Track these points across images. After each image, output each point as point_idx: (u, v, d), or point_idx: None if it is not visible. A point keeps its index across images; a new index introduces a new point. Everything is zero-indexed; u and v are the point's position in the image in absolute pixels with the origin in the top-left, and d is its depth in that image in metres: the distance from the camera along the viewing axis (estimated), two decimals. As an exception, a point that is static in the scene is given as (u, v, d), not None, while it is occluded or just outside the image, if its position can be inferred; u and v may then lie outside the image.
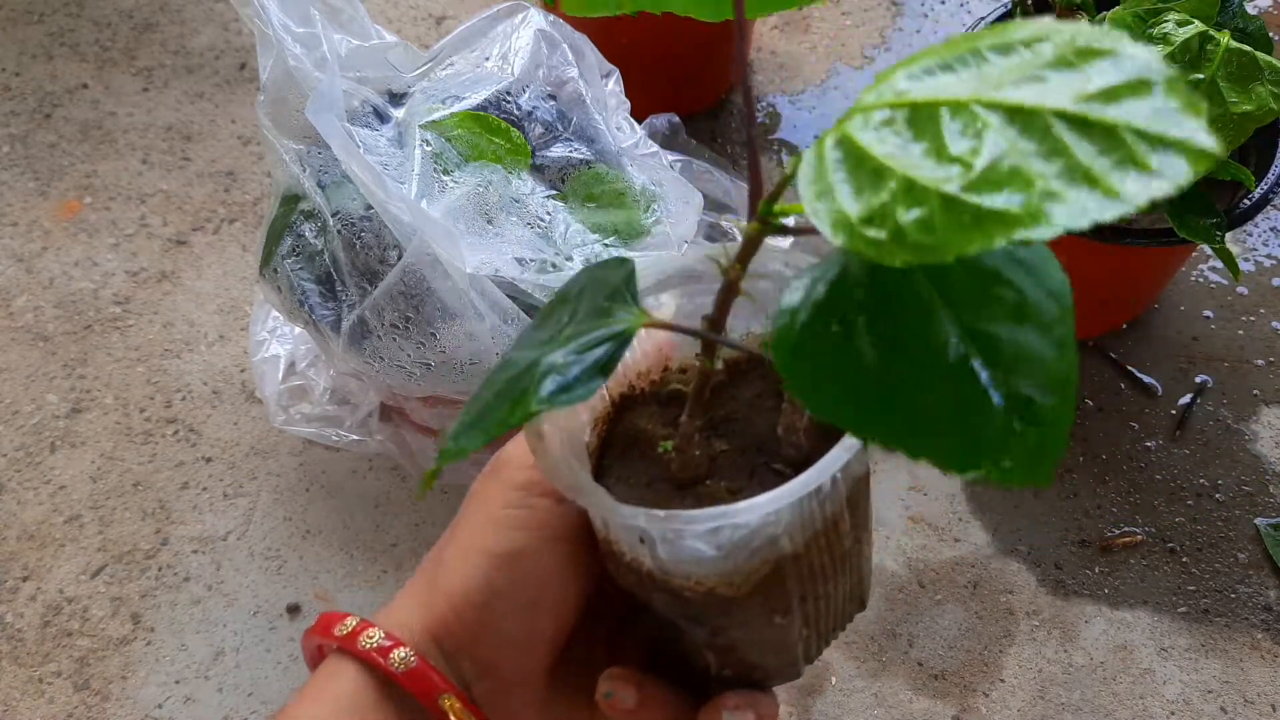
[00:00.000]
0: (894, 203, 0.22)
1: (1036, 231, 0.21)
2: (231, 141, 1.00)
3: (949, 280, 0.25)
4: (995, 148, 0.22)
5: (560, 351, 0.29)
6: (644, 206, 0.70)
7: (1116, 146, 0.21)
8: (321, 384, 0.80)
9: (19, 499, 0.82)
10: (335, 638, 0.35)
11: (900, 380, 0.25)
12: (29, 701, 0.74)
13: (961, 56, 0.24)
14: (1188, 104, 0.21)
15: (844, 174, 0.23)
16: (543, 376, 0.29)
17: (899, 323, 0.25)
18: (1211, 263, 0.91)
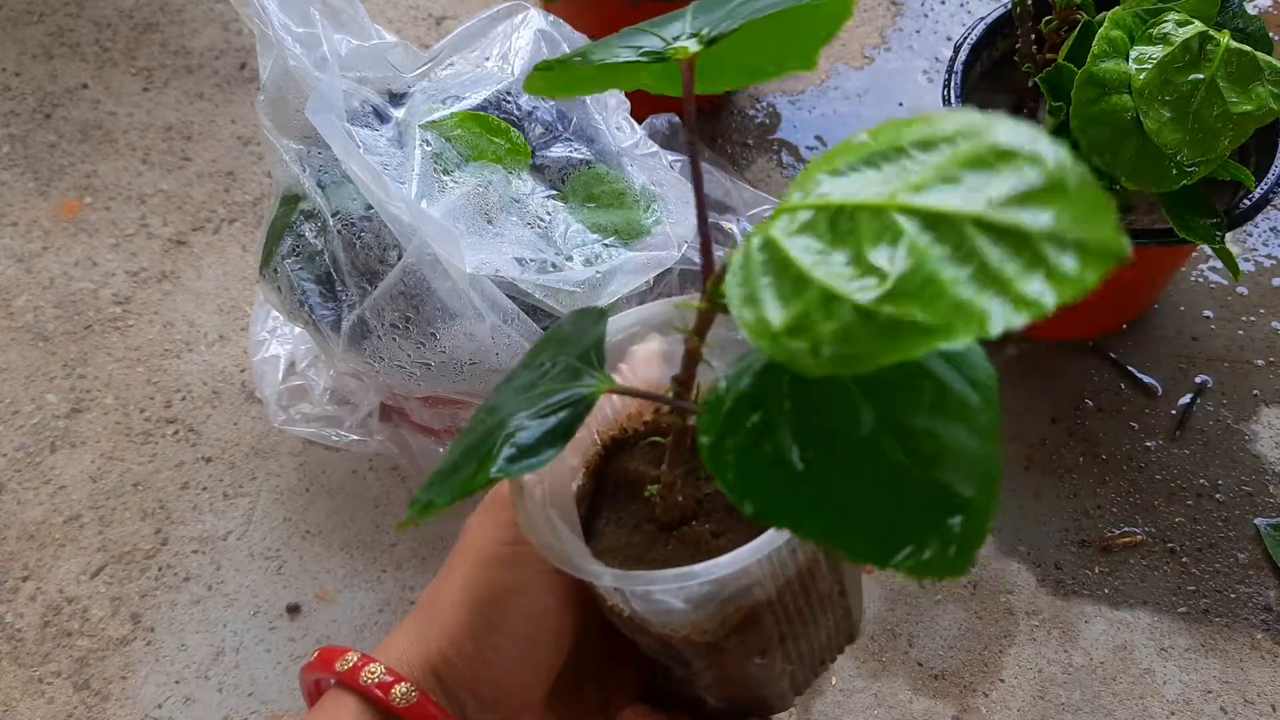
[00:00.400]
0: (813, 313, 0.22)
1: (949, 342, 0.21)
2: (231, 141, 1.00)
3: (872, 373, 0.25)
4: (910, 257, 0.22)
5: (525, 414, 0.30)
6: (644, 206, 0.70)
7: (1027, 251, 0.21)
8: (321, 384, 0.80)
9: (19, 499, 0.82)
10: (336, 672, 0.35)
11: (821, 472, 0.25)
12: (29, 701, 0.74)
13: (885, 151, 0.24)
14: (1098, 206, 0.21)
15: (769, 279, 0.23)
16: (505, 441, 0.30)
17: (821, 415, 0.25)
18: (1211, 263, 0.91)
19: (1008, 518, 0.80)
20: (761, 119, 1.02)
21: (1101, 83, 0.67)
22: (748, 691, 0.36)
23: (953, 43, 0.84)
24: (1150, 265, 0.83)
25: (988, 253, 0.21)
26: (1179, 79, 0.66)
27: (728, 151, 0.99)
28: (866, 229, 0.23)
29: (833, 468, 0.25)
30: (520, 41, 0.72)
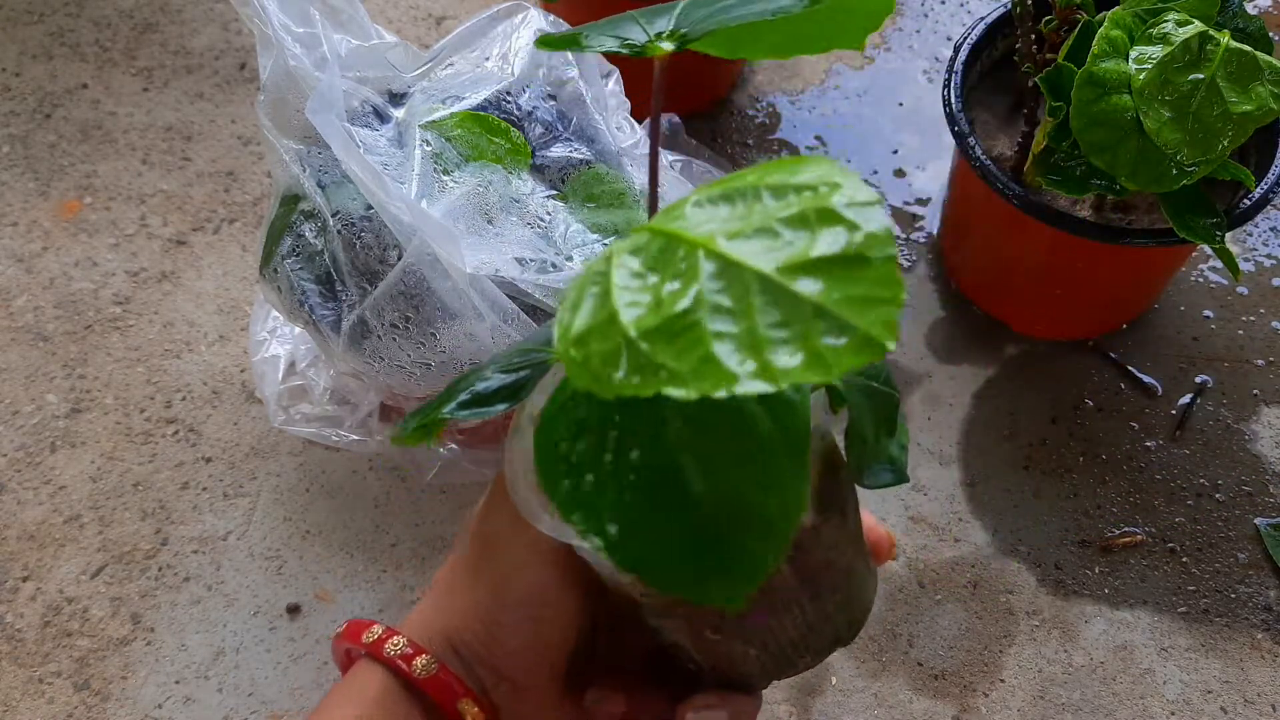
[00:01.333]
0: (596, 330, 0.23)
1: (689, 393, 0.21)
2: (231, 141, 1.00)
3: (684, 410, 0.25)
4: (690, 298, 0.22)
5: (494, 367, 0.31)
6: (644, 206, 0.70)
7: (796, 322, 0.21)
8: (321, 384, 0.80)
9: (19, 499, 0.82)
10: (363, 644, 0.37)
11: (625, 499, 0.25)
12: (29, 701, 0.74)
13: (743, 190, 0.24)
14: (887, 290, 0.21)
15: (594, 290, 0.24)
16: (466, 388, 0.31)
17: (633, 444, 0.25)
18: (1211, 263, 0.91)
19: (1007, 518, 0.80)
20: (761, 119, 1.02)
21: (1101, 83, 0.67)
22: (716, 663, 0.36)
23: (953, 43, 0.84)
24: (1150, 265, 0.83)
25: (761, 314, 0.21)
26: (1179, 79, 0.66)
27: (728, 151, 0.99)
28: (675, 263, 0.23)
29: (635, 494, 0.25)
30: (520, 41, 0.72)
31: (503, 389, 0.31)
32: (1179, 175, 0.67)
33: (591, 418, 0.26)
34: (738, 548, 0.25)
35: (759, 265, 0.22)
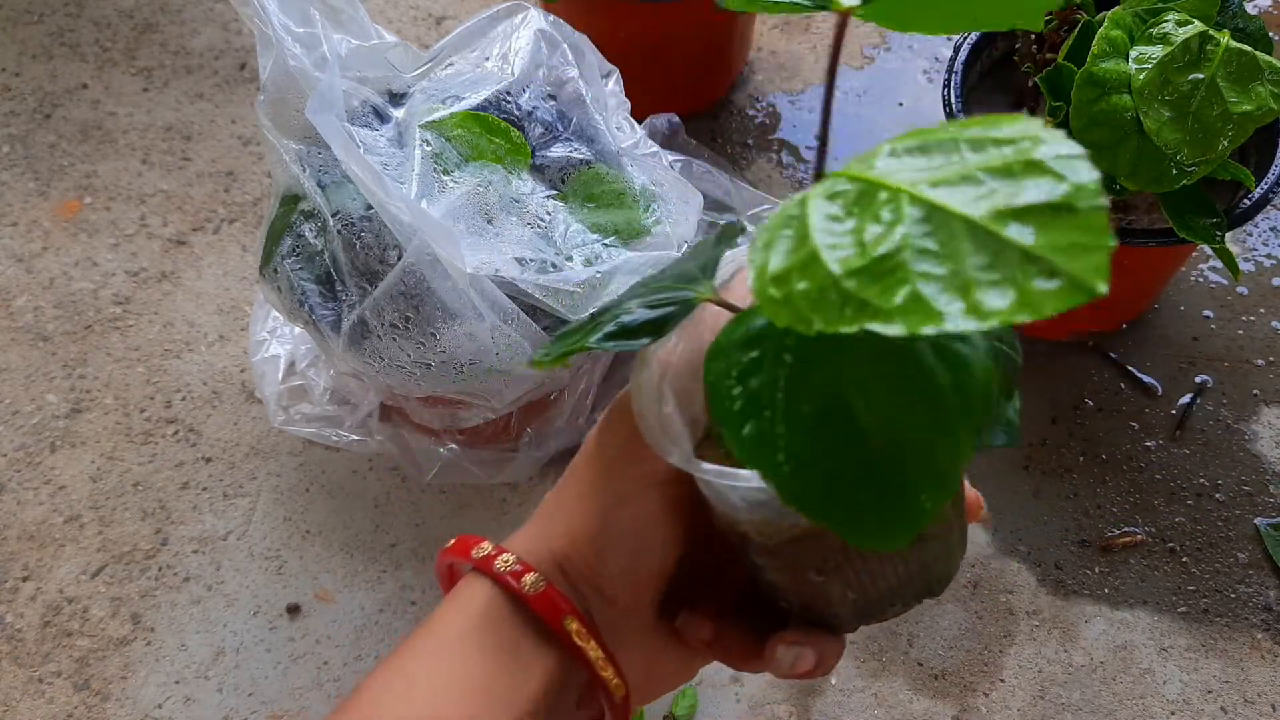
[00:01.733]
0: (797, 269, 0.24)
1: (896, 330, 0.22)
2: (231, 141, 1.00)
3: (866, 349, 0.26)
4: (895, 241, 0.23)
5: (637, 301, 0.33)
6: (644, 206, 0.70)
7: (1005, 265, 0.22)
8: (321, 384, 0.80)
9: (19, 499, 0.82)
10: (472, 559, 0.38)
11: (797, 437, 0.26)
12: (29, 701, 0.74)
13: (941, 143, 0.25)
14: (1096, 239, 0.21)
15: (788, 231, 0.25)
16: (612, 319, 0.33)
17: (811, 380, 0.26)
18: (1211, 263, 0.91)
19: (1008, 517, 0.80)
20: (761, 119, 1.02)
21: (1101, 82, 0.67)
22: (810, 601, 0.37)
23: (953, 43, 0.84)
24: (1150, 265, 0.83)
25: (968, 257, 0.22)
26: (1179, 79, 0.66)
27: (728, 151, 0.99)
28: (877, 207, 0.24)
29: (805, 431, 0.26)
30: (520, 41, 0.72)
31: (648, 323, 0.32)
32: (1179, 175, 0.67)
33: (766, 357, 0.27)
34: (904, 493, 0.25)
35: (966, 211, 0.22)
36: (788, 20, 1.09)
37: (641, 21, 0.91)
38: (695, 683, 0.74)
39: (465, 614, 0.37)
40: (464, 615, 0.37)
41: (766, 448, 0.26)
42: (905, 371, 0.26)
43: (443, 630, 0.37)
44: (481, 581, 0.38)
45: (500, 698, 0.36)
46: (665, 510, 0.37)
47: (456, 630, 0.37)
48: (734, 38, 0.98)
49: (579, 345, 0.33)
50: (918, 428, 0.25)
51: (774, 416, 0.26)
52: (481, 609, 0.37)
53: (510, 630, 0.37)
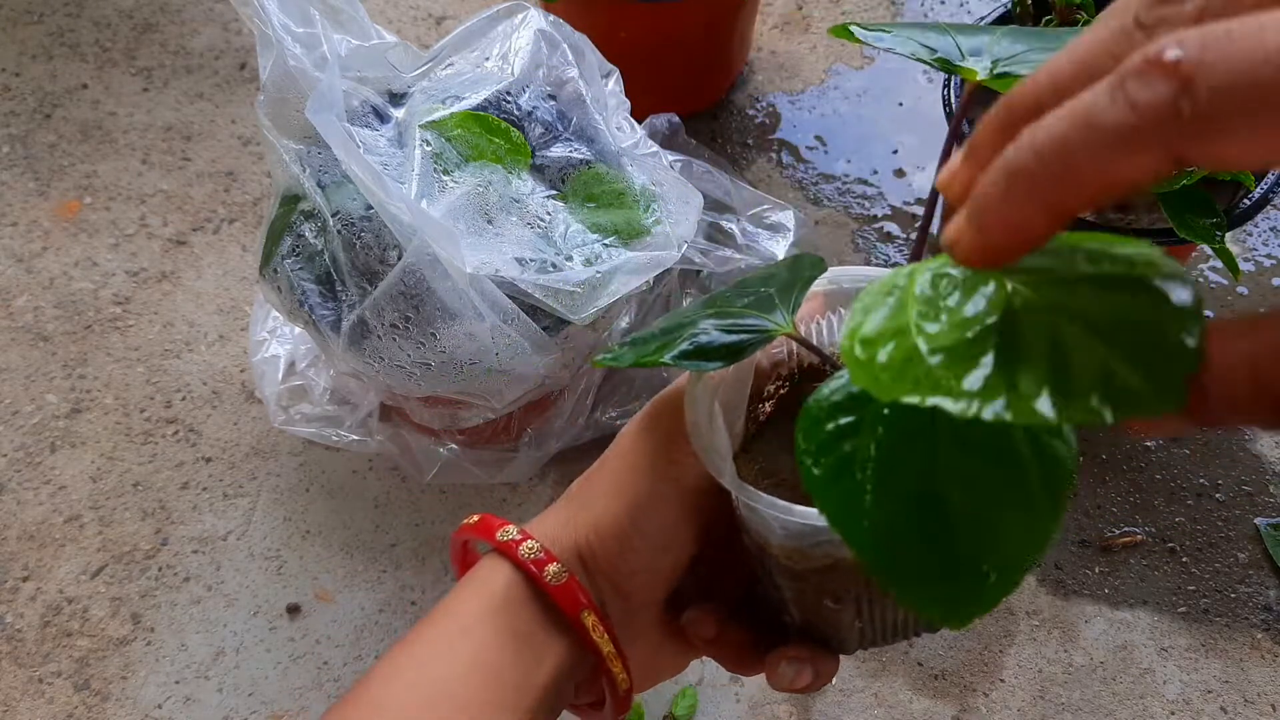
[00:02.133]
0: (887, 336, 0.24)
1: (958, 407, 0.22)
2: (231, 141, 1.00)
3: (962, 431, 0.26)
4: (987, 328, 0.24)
5: (714, 323, 0.34)
6: (644, 206, 0.70)
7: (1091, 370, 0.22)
8: (321, 384, 0.80)
9: (19, 499, 0.82)
10: (497, 541, 0.39)
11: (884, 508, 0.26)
12: (29, 701, 0.74)
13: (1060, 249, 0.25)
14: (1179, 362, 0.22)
15: (890, 301, 0.25)
16: (687, 338, 0.33)
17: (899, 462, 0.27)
18: (1211, 263, 0.91)
19: (1008, 518, 0.80)
20: (761, 119, 1.02)
21: (1101, 83, 0.67)
22: (819, 622, 0.38)
23: (953, 43, 0.83)
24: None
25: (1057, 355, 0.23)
26: (1179, 79, 0.66)
27: (728, 151, 0.99)
28: (978, 291, 0.24)
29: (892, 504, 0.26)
30: (520, 41, 0.72)
31: (724, 348, 0.33)
32: (1179, 175, 0.67)
33: (864, 423, 0.27)
34: (981, 579, 0.26)
35: (1067, 312, 0.23)
36: (788, 20, 1.09)
37: (641, 21, 0.91)
38: (695, 683, 0.74)
39: (482, 596, 0.38)
40: (481, 598, 0.38)
41: (852, 512, 0.26)
42: (999, 460, 0.26)
43: (459, 612, 0.38)
44: (502, 564, 0.38)
45: (512, 685, 0.36)
46: (691, 513, 0.38)
47: (473, 613, 0.37)
48: (734, 38, 0.98)
49: (653, 359, 0.33)
50: (1003, 517, 0.26)
51: (864, 483, 0.26)
52: (500, 592, 0.38)
53: (526, 616, 0.37)
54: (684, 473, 0.37)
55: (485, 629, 0.37)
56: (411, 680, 0.35)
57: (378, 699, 0.35)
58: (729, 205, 0.86)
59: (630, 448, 0.39)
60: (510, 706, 0.36)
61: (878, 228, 0.95)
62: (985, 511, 0.26)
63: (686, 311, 0.36)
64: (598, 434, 0.82)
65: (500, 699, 0.36)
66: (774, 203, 0.87)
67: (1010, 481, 0.26)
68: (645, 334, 0.36)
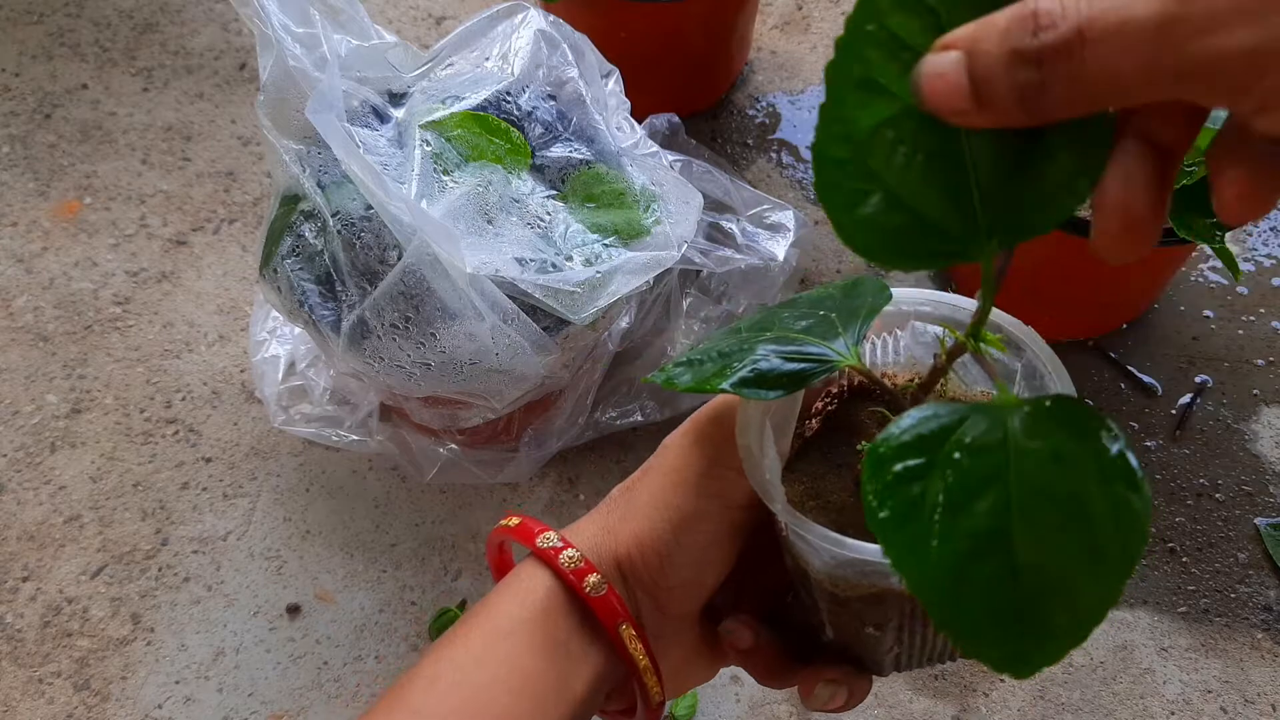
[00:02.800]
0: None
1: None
2: (231, 141, 1.00)
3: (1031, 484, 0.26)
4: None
5: (774, 349, 0.33)
6: (644, 206, 0.70)
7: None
8: (321, 384, 0.80)
9: (19, 499, 0.82)
10: (536, 548, 0.39)
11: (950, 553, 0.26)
12: (29, 701, 0.74)
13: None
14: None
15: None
16: (748, 365, 0.33)
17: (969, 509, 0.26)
18: (1211, 263, 0.91)
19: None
20: (761, 119, 1.01)
21: (1101, 83, 0.67)
22: (855, 644, 0.38)
23: (953, 43, 0.83)
24: (1150, 265, 0.83)
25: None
26: (1179, 79, 0.66)
27: (728, 151, 0.99)
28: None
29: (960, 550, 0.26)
30: (520, 41, 0.72)
31: (784, 376, 0.32)
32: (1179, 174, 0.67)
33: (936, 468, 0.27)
34: (1046, 631, 0.26)
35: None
36: (788, 20, 1.09)
37: (641, 21, 0.91)
38: (695, 683, 0.74)
39: (522, 603, 0.38)
40: (521, 605, 0.38)
41: (918, 555, 0.26)
42: (1073, 513, 0.26)
43: (498, 616, 0.38)
44: (542, 571, 0.38)
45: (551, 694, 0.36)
46: (734, 530, 0.38)
47: (513, 618, 0.37)
48: (734, 38, 0.98)
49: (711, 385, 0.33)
50: (1073, 570, 0.26)
51: (931, 527, 0.26)
52: (540, 600, 0.38)
53: (564, 625, 0.37)
54: (730, 490, 0.37)
55: (524, 636, 0.37)
56: (451, 686, 0.35)
57: (417, 706, 0.35)
58: (729, 205, 0.86)
59: (676, 461, 0.39)
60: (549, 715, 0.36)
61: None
62: (1056, 565, 0.25)
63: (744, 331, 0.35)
64: (598, 434, 0.82)
65: (539, 708, 0.36)
66: (774, 203, 0.87)
67: (1083, 536, 0.25)
68: (702, 353, 0.35)
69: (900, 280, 0.86)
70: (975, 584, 0.26)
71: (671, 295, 0.82)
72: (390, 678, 0.74)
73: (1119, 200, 0.27)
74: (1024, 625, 0.26)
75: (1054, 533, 0.26)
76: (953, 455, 0.27)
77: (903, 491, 0.27)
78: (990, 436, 0.27)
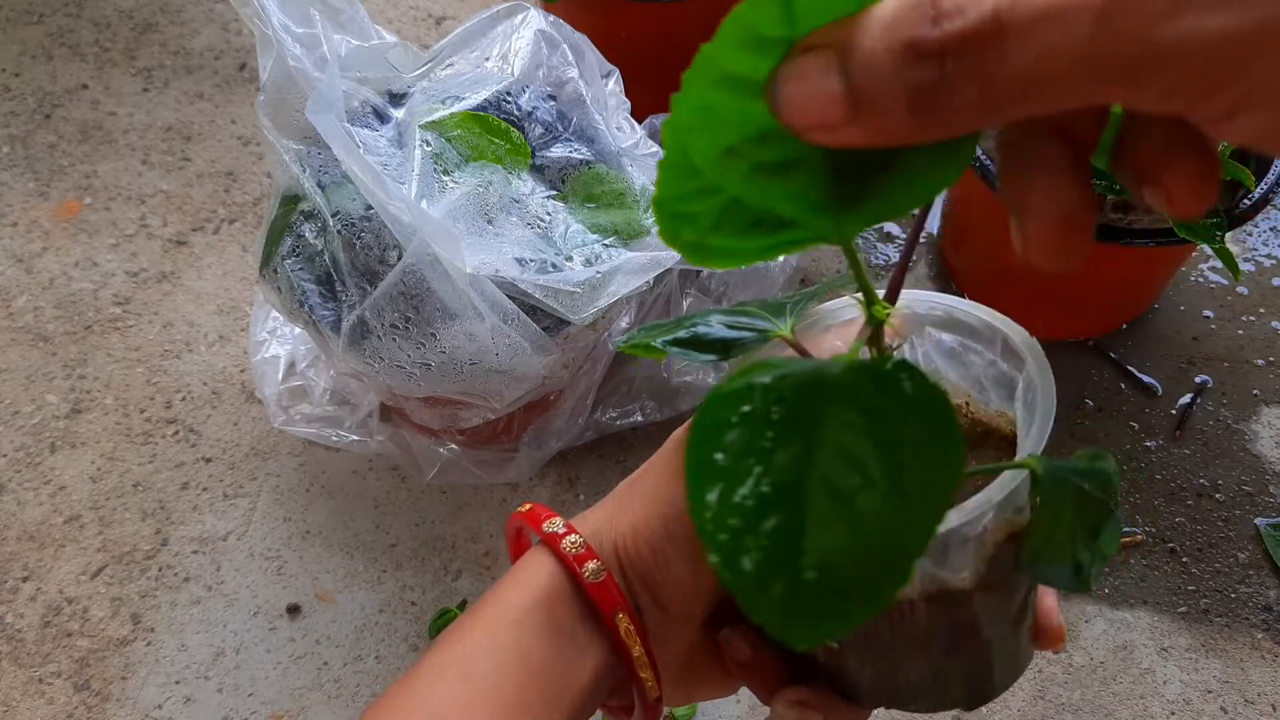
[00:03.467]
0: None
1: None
2: (231, 141, 1.00)
3: (837, 445, 0.25)
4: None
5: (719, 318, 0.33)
6: (644, 206, 0.70)
7: None
8: (321, 384, 0.80)
9: (19, 499, 0.82)
10: (543, 532, 0.38)
11: (736, 505, 0.25)
12: (29, 701, 0.74)
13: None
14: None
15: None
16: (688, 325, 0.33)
17: (767, 459, 0.25)
18: (1211, 263, 0.91)
19: (1008, 518, 0.80)
20: (761, 119, 1.01)
21: (1101, 83, 0.67)
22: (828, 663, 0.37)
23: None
24: (1150, 265, 0.83)
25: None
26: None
27: (728, 151, 0.99)
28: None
29: (751, 503, 0.25)
30: (520, 42, 0.72)
31: (718, 342, 0.33)
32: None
33: (750, 416, 0.26)
34: (836, 590, 0.24)
35: None
36: (788, 20, 1.09)
37: (641, 21, 0.91)
38: (695, 683, 0.74)
39: (527, 590, 0.37)
40: (526, 592, 0.37)
41: (711, 505, 0.25)
42: (874, 469, 0.24)
43: (504, 605, 0.37)
44: (547, 557, 0.38)
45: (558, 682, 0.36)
46: None
47: (519, 606, 0.37)
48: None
49: (645, 343, 0.33)
50: (869, 533, 0.24)
51: (730, 476, 0.25)
52: (545, 588, 0.37)
53: (569, 613, 0.37)
54: None
55: (531, 623, 0.36)
56: (459, 676, 0.35)
57: (425, 695, 0.35)
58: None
59: (674, 453, 0.38)
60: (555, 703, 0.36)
61: (877, 227, 0.95)
62: (852, 528, 0.24)
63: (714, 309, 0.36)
64: (598, 434, 0.82)
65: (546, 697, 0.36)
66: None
67: (883, 495, 0.24)
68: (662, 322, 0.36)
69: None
70: (761, 536, 0.24)
71: (671, 295, 0.82)
72: (390, 678, 0.74)
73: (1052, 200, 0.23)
74: (811, 589, 0.24)
75: (852, 492, 0.24)
76: (769, 406, 0.25)
77: (715, 439, 0.25)
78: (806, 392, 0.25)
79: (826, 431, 0.25)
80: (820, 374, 0.25)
